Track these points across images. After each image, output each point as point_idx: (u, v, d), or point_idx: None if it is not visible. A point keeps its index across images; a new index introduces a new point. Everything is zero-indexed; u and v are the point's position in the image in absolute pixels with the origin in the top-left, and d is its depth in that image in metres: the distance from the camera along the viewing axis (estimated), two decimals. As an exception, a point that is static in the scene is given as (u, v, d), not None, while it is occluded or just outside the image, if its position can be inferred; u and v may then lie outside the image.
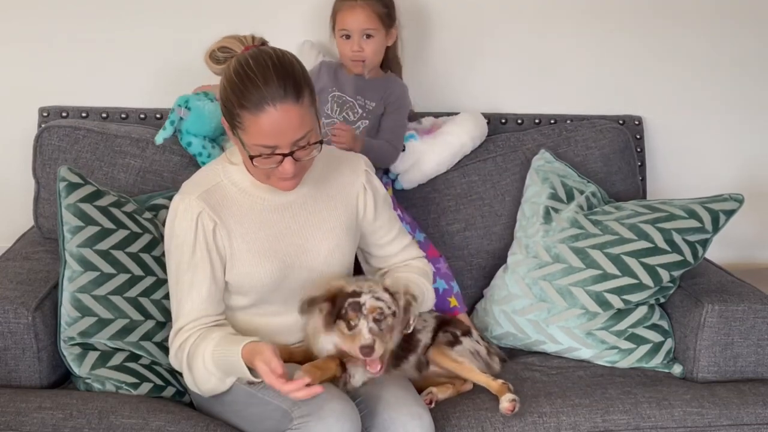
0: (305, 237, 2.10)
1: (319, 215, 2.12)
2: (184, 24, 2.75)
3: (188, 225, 2.02)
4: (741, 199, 2.44)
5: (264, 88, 1.88)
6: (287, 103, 1.89)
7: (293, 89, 1.89)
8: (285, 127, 1.90)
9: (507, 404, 2.13)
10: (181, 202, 2.04)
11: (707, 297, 2.35)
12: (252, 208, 2.07)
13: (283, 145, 1.92)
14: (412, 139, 2.66)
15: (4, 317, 2.13)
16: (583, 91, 2.95)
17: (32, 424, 1.99)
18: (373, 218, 2.19)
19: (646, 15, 2.92)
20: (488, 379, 2.21)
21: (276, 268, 2.07)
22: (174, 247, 2.05)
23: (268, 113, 1.88)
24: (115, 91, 2.78)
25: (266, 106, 1.88)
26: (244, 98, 1.89)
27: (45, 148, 2.54)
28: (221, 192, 2.06)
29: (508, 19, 2.88)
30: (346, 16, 2.54)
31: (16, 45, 2.75)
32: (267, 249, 2.06)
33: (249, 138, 1.93)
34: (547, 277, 2.46)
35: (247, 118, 1.90)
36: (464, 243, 2.69)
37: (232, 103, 1.92)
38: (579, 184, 2.63)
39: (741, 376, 2.34)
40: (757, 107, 3.02)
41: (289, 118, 1.90)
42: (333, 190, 2.15)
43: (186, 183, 2.11)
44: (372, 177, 2.20)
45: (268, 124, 1.89)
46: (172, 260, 2.06)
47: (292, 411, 1.91)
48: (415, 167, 2.67)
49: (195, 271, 2.03)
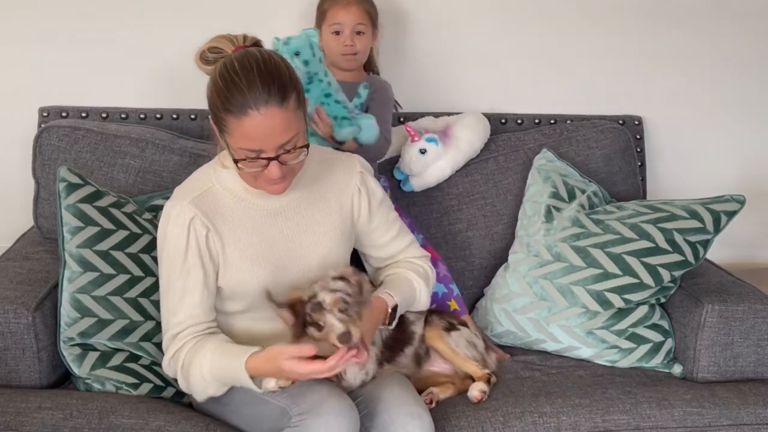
0: (298, 241, 2.08)
1: (312, 219, 2.10)
2: (184, 24, 2.75)
3: (180, 231, 2.00)
4: (742, 200, 2.44)
5: (248, 92, 1.85)
6: (271, 107, 1.86)
7: (278, 93, 1.87)
8: (269, 131, 1.88)
9: (476, 392, 2.17)
10: (173, 207, 2.03)
11: (707, 297, 2.35)
12: (245, 214, 2.06)
13: (268, 149, 1.90)
14: (433, 143, 2.64)
15: (4, 317, 2.13)
16: (583, 91, 2.95)
17: (32, 424, 1.99)
18: (368, 220, 2.18)
19: (647, 15, 2.92)
20: (476, 368, 2.23)
21: (269, 274, 2.05)
22: (166, 252, 2.03)
23: (251, 117, 1.86)
24: (115, 91, 2.78)
25: (249, 110, 1.85)
26: (228, 102, 1.87)
27: (45, 148, 2.54)
28: (213, 197, 2.05)
29: (508, 19, 2.88)
30: (339, 11, 2.53)
31: (16, 45, 2.75)
32: (260, 255, 2.05)
33: (234, 141, 1.91)
34: (548, 276, 2.46)
35: (232, 122, 1.88)
36: (466, 243, 2.69)
37: (218, 107, 1.90)
38: (580, 184, 2.64)
39: (741, 376, 2.34)
40: (757, 107, 3.02)
41: (273, 123, 1.87)
42: (327, 192, 2.13)
43: (178, 188, 2.09)
44: (367, 178, 2.17)
45: (252, 128, 1.87)
46: (164, 266, 2.04)
47: (290, 409, 1.91)
48: (429, 171, 2.66)
49: (187, 278, 2.01)
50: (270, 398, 1.96)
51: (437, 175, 2.67)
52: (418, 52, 2.86)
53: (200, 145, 2.61)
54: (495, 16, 2.88)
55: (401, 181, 2.70)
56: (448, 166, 2.68)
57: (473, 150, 2.71)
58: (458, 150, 2.68)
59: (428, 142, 2.64)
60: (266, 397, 1.97)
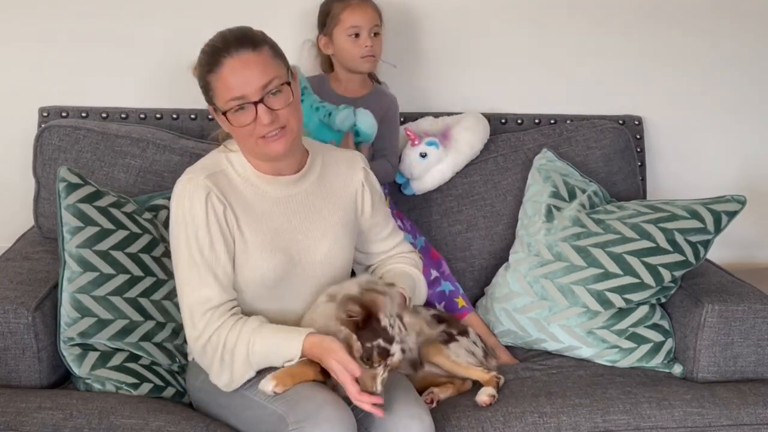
0: (305, 233, 2.09)
1: (319, 213, 2.12)
2: (184, 24, 2.75)
3: (199, 204, 1.98)
4: (743, 201, 2.45)
5: (222, 46, 1.96)
6: (244, 53, 1.94)
7: (249, 42, 1.96)
8: (247, 74, 1.94)
9: (484, 397, 2.16)
10: (188, 182, 2.01)
11: (707, 297, 2.35)
12: (255, 199, 2.06)
13: (251, 93, 1.94)
14: (433, 146, 2.64)
15: (4, 317, 2.13)
16: (583, 91, 2.95)
17: (32, 424, 1.99)
18: (370, 215, 2.20)
19: (646, 15, 2.92)
20: (481, 373, 2.22)
21: (280, 263, 2.05)
22: (183, 228, 1.99)
23: (226, 65, 1.94)
24: (115, 91, 2.78)
25: (223, 59, 1.94)
26: (207, 64, 1.96)
27: (45, 147, 2.54)
28: (227, 178, 2.05)
29: (508, 19, 2.88)
30: (355, 13, 2.51)
31: (16, 45, 2.75)
32: (270, 242, 2.05)
33: (219, 99, 1.97)
34: (549, 276, 2.46)
35: (213, 80, 1.96)
36: (466, 244, 2.69)
37: (200, 75, 1.99)
38: (581, 183, 2.64)
39: (741, 376, 2.34)
40: (757, 107, 3.02)
41: (248, 65, 1.94)
42: (333, 187, 2.15)
43: (189, 168, 2.08)
44: (369, 174, 2.20)
45: (228, 74, 1.94)
46: (182, 243, 1.99)
47: (288, 416, 1.90)
48: (430, 174, 2.65)
49: (212, 250, 1.98)
50: (268, 403, 1.96)
51: (438, 178, 2.67)
52: (418, 52, 2.86)
53: (201, 145, 2.60)
54: (495, 17, 2.88)
55: (401, 185, 2.70)
56: (449, 169, 2.67)
57: (473, 152, 2.71)
58: (459, 153, 2.67)
59: (429, 145, 2.63)
60: (264, 402, 1.96)
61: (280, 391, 1.92)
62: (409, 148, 2.65)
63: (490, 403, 2.16)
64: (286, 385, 1.93)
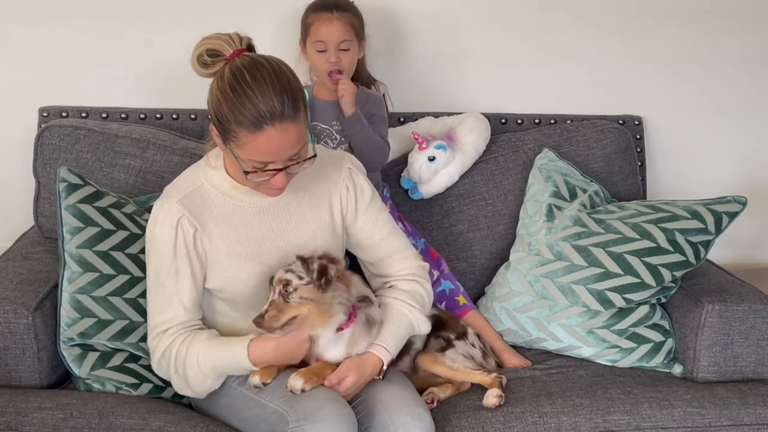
0: (288, 239, 2.07)
1: (302, 217, 2.09)
2: (184, 24, 2.74)
3: (168, 230, 2.00)
4: (744, 201, 2.45)
5: (263, 107, 1.84)
6: (286, 122, 1.86)
7: (291, 106, 1.86)
8: (283, 145, 1.89)
9: (493, 399, 2.15)
10: (161, 207, 2.02)
11: (707, 297, 2.35)
12: (233, 211, 2.05)
13: (279, 161, 1.91)
14: (442, 149, 2.63)
15: (4, 317, 2.13)
16: (583, 91, 2.94)
17: (32, 424, 1.99)
18: (354, 217, 2.15)
19: (646, 15, 2.91)
20: (482, 376, 2.22)
21: (258, 272, 2.04)
22: (154, 251, 2.03)
23: (266, 132, 1.86)
24: (115, 91, 2.78)
25: (265, 125, 1.85)
26: (241, 114, 1.85)
27: (46, 147, 2.54)
28: (202, 195, 2.04)
29: (508, 19, 2.88)
30: (322, 27, 2.46)
31: (16, 45, 2.75)
32: (249, 252, 2.04)
33: (244, 154, 1.91)
34: (549, 275, 2.46)
35: (244, 135, 1.87)
36: (468, 244, 2.69)
37: (227, 118, 1.87)
38: (582, 183, 2.64)
39: (741, 376, 2.34)
40: (756, 108, 3.02)
41: (287, 137, 1.88)
42: (317, 189, 2.11)
43: (168, 187, 2.09)
44: (355, 175, 2.15)
45: (265, 142, 1.87)
46: (152, 264, 2.04)
47: (288, 414, 1.90)
48: (438, 178, 2.65)
49: (176, 276, 2.01)
50: (268, 402, 1.96)
51: (446, 180, 2.66)
52: (418, 52, 2.86)
53: (201, 146, 2.58)
54: (495, 17, 2.87)
55: (409, 190, 2.69)
56: (457, 171, 2.67)
57: (478, 153, 2.71)
58: (465, 154, 2.67)
59: (437, 149, 2.62)
60: (265, 401, 1.97)
61: (267, 381, 1.96)
62: (417, 152, 2.63)
63: (499, 404, 2.15)
64: (313, 384, 1.94)
